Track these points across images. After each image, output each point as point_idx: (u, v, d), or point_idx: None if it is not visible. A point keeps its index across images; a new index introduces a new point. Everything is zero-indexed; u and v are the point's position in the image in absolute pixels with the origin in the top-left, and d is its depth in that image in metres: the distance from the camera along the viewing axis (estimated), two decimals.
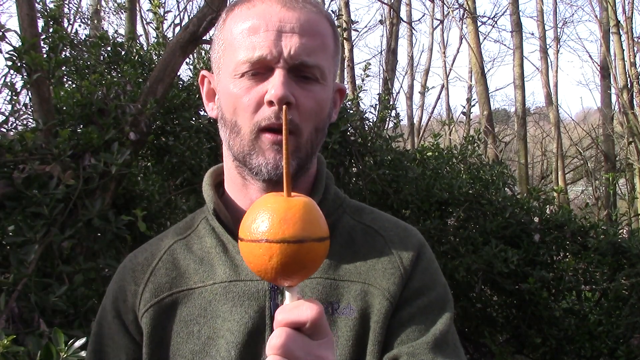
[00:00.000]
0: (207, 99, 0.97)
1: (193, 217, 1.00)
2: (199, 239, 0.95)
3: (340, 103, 1.00)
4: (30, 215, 2.10)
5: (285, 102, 0.82)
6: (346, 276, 0.90)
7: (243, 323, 0.86)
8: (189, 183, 3.01)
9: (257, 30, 0.85)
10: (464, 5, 10.49)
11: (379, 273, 0.90)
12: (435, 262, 0.97)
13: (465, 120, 11.68)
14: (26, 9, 2.35)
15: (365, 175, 3.44)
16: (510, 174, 4.20)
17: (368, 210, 1.00)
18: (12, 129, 2.44)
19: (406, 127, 13.01)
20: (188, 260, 0.92)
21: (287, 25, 0.85)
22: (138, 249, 0.99)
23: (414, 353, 0.85)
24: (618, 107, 10.57)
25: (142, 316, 0.89)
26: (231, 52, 0.88)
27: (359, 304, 0.88)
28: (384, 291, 0.88)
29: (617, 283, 3.47)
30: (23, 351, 1.58)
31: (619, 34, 10.09)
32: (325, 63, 0.88)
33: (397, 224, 0.98)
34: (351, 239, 0.94)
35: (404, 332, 0.87)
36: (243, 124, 0.86)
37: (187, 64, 3.74)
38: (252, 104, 0.85)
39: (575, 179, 13.89)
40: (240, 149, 0.87)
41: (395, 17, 10.58)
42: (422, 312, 0.89)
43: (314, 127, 0.88)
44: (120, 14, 8.33)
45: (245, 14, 0.88)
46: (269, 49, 0.84)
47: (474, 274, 3.60)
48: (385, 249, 0.93)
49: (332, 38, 0.91)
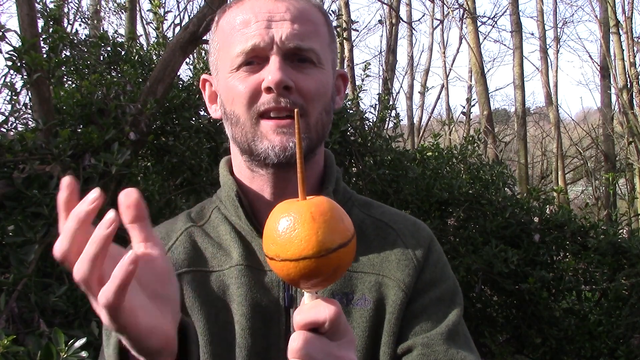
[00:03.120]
0: (209, 101, 0.97)
1: (203, 207, 0.99)
2: (214, 229, 0.95)
3: (344, 89, 0.99)
4: (30, 215, 2.10)
5: (284, 86, 0.83)
6: (360, 268, 0.90)
7: (258, 311, 0.86)
8: (189, 183, 3.01)
9: (247, 23, 0.86)
10: (464, 5, 10.49)
11: (393, 265, 0.91)
12: (444, 255, 0.98)
13: (465, 120, 11.69)
14: (26, 9, 2.35)
15: (365, 175, 3.44)
16: (510, 174, 4.20)
17: (376, 204, 1.01)
18: (12, 129, 2.44)
19: (406, 127, 13.00)
20: (206, 244, 0.92)
21: (277, 14, 0.85)
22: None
23: (428, 344, 0.86)
24: (618, 107, 10.57)
25: None
26: (226, 49, 0.88)
27: (374, 294, 0.88)
28: (399, 282, 0.89)
29: (617, 283, 3.47)
30: (23, 351, 1.58)
31: (619, 34, 10.09)
32: (319, 48, 0.88)
33: (406, 218, 0.99)
34: (362, 232, 0.94)
35: (417, 323, 0.88)
36: (241, 112, 0.86)
37: (187, 64, 3.74)
38: (249, 92, 0.85)
39: (575, 179, 13.89)
40: (243, 137, 0.87)
41: (395, 17, 10.58)
42: (435, 303, 0.90)
43: (322, 108, 0.88)
44: (120, 14, 8.33)
45: (235, 12, 0.89)
46: (261, 37, 0.84)
47: (474, 274, 3.60)
48: (398, 242, 0.93)
49: (325, 26, 0.91)
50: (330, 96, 0.91)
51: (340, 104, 0.97)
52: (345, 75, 0.99)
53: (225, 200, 0.95)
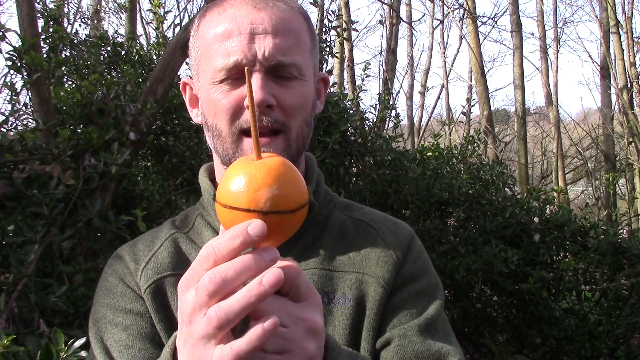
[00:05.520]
0: (190, 105, 0.98)
1: (187, 215, 1.00)
2: (198, 235, 0.96)
3: (325, 92, 1.00)
4: (30, 215, 2.10)
5: (266, 105, 0.83)
6: (340, 267, 0.91)
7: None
8: (189, 183, 3.01)
9: (230, 35, 0.85)
10: (464, 5, 10.49)
11: (373, 262, 0.92)
12: (424, 252, 0.99)
13: (465, 120, 11.69)
14: (26, 9, 2.35)
15: (365, 175, 3.43)
16: (510, 174, 4.20)
17: (357, 206, 1.03)
18: (12, 129, 2.44)
19: (406, 127, 13.02)
20: (190, 250, 0.93)
21: (259, 26, 0.85)
22: (132, 240, 0.99)
23: (404, 335, 0.87)
24: (618, 107, 10.57)
25: (145, 292, 0.88)
26: (207, 58, 0.88)
27: (354, 292, 0.89)
28: (378, 278, 0.90)
29: (617, 283, 3.46)
30: (23, 351, 1.58)
31: (619, 34, 10.09)
32: (301, 59, 0.88)
33: (386, 218, 1.01)
34: (342, 232, 0.96)
35: (395, 316, 0.89)
36: (223, 127, 0.87)
37: (187, 64, 3.73)
38: (231, 107, 0.86)
39: (575, 179, 13.90)
40: (225, 152, 0.88)
41: (395, 17, 10.58)
42: (413, 297, 0.92)
43: (303, 121, 0.89)
44: (120, 14, 8.34)
45: (216, 20, 0.88)
46: (244, 53, 0.84)
47: (474, 274, 3.59)
48: (378, 239, 0.95)
49: (307, 32, 0.92)
50: (311, 107, 0.92)
51: (320, 108, 0.98)
52: (326, 78, 1.00)
53: (206, 205, 0.96)
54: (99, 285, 0.94)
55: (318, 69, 0.97)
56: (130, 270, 0.91)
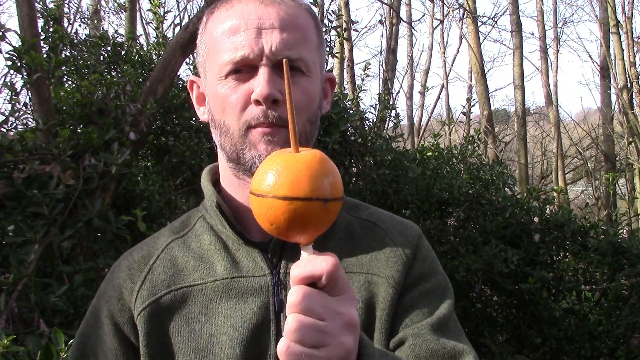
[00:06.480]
0: (197, 103, 0.98)
1: (189, 216, 0.99)
2: (196, 237, 0.94)
3: (331, 93, 1.00)
4: (30, 215, 2.10)
5: (272, 99, 0.83)
6: (348, 268, 0.90)
7: (247, 319, 0.85)
8: (189, 183, 3.01)
9: (237, 30, 0.86)
10: (464, 5, 10.49)
11: (382, 262, 0.91)
12: (432, 252, 0.99)
13: (465, 120, 11.69)
14: (26, 9, 2.35)
15: (365, 175, 3.43)
16: (510, 174, 4.20)
17: (364, 206, 1.02)
18: (12, 129, 2.44)
19: (406, 127, 13.01)
20: (187, 257, 0.92)
21: (267, 21, 0.85)
22: (133, 247, 0.98)
23: (418, 334, 0.86)
24: (618, 107, 10.58)
25: (139, 315, 0.88)
26: (214, 54, 0.88)
27: (363, 294, 0.89)
28: (388, 279, 0.89)
29: (617, 283, 3.46)
30: (23, 351, 1.58)
31: (619, 34, 10.09)
32: (308, 55, 0.88)
33: (393, 217, 1.00)
34: (349, 233, 0.95)
35: (407, 316, 0.89)
36: (231, 122, 0.87)
37: (187, 64, 3.73)
38: (239, 102, 0.86)
39: (575, 179, 13.90)
40: (232, 147, 0.88)
41: (395, 17, 10.58)
42: (424, 296, 0.91)
43: (306, 119, 0.89)
44: (120, 14, 8.34)
45: (224, 15, 0.88)
46: (251, 48, 0.84)
47: (474, 274, 3.60)
48: (386, 240, 0.94)
49: (314, 30, 0.92)
50: (317, 104, 0.92)
51: (327, 108, 0.97)
52: (332, 79, 1.00)
53: (209, 209, 0.95)
54: (93, 302, 0.94)
55: (325, 69, 0.96)
56: (126, 292, 0.90)
